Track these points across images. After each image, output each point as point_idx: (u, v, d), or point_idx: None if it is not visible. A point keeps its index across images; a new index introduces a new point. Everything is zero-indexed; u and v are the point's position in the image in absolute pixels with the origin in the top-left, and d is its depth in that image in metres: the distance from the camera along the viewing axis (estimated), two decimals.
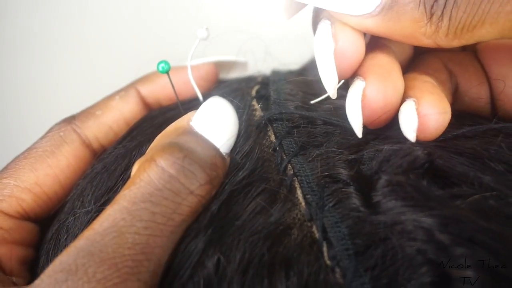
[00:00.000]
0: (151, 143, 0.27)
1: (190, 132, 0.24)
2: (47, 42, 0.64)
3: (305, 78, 0.30)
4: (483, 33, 0.22)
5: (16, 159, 0.28)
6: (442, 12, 0.21)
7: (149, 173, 0.21)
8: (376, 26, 0.22)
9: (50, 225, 0.27)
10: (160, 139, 0.24)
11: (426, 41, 0.22)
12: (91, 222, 0.24)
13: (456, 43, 0.22)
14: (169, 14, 0.62)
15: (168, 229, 0.21)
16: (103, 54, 0.62)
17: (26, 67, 0.65)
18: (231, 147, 0.25)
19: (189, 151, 0.22)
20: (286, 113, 0.26)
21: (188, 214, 0.21)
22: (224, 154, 0.24)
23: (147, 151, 0.24)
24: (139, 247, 0.20)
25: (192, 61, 0.32)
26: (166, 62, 0.27)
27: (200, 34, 0.28)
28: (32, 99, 0.66)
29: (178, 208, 0.21)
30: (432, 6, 0.21)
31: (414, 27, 0.22)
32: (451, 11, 0.21)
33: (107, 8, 0.63)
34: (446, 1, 0.21)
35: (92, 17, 0.63)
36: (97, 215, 0.24)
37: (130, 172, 0.26)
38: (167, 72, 0.27)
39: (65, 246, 0.25)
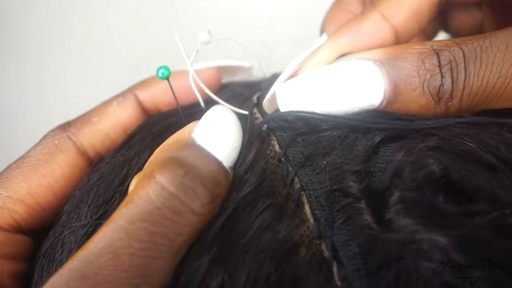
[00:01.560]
0: (150, 152, 0.26)
1: (191, 145, 0.23)
2: (44, 44, 0.64)
3: None
4: (498, 105, 0.23)
5: (8, 168, 0.27)
6: (451, 94, 0.22)
7: (147, 190, 0.20)
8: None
9: (44, 237, 0.27)
10: (160, 152, 0.23)
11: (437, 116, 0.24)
12: (87, 237, 0.24)
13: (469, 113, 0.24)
14: (170, 17, 0.61)
15: (167, 250, 0.20)
16: (102, 57, 0.61)
17: (22, 70, 0.65)
18: (234, 160, 0.24)
19: (190, 167, 0.21)
20: (288, 120, 0.25)
21: (189, 234, 0.20)
22: (227, 168, 0.23)
23: (146, 165, 0.23)
24: (137, 270, 0.19)
25: (194, 65, 0.31)
26: (166, 68, 0.26)
27: (202, 37, 0.27)
28: (28, 102, 0.65)
29: (179, 228, 0.20)
30: (438, 92, 0.22)
31: (422, 110, 0.23)
32: (462, 95, 0.22)
33: (107, 10, 0.62)
34: (453, 86, 0.22)
35: (91, 19, 0.63)
36: (94, 229, 0.24)
37: (129, 183, 0.25)
38: (167, 78, 0.26)
39: (60, 261, 0.24)
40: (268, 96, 0.26)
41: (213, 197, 0.21)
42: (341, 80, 0.24)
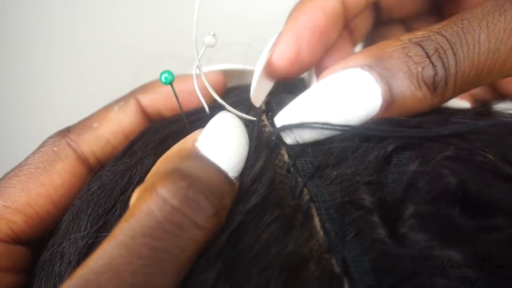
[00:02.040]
0: (153, 159, 0.25)
1: (195, 155, 0.22)
2: (45, 46, 0.63)
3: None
4: (490, 80, 0.23)
5: (6, 176, 0.26)
6: (446, 82, 0.23)
7: (149, 204, 0.19)
8: (384, 115, 0.23)
9: (43, 248, 0.26)
10: (162, 163, 0.22)
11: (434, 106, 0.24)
12: (87, 248, 0.23)
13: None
14: (174, 19, 0.60)
15: (171, 266, 0.19)
16: (104, 60, 0.61)
17: (23, 72, 0.64)
18: (240, 170, 0.23)
19: (194, 178, 0.20)
20: (296, 127, 0.24)
21: (193, 249, 0.19)
22: (233, 179, 0.22)
23: (147, 177, 0.22)
24: None
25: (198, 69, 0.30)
26: (169, 72, 0.25)
27: (208, 41, 0.26)
28: (28, 106, 0.65)
29: (182, 243, 0.19)
30: (433, 81, 0.23)
31: (420, 104, 0.23)
32: (456, 79, 0.23)
33: (109, 13, 0.62)
34: (446, 73, 0.22)
35: (93, 22, 0.62)
36: (94, 241, 0.23)
37: (130, 193, 0.24)
38: (171, 83, 0.25)
39: (59, 274, 0.24)
40: (253, 88, 0.26)
41: (217, 209, 0.20)
42: (335, 95, 0.23)
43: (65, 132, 0.28)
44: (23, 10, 0.62)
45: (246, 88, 0.30)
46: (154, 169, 0.22)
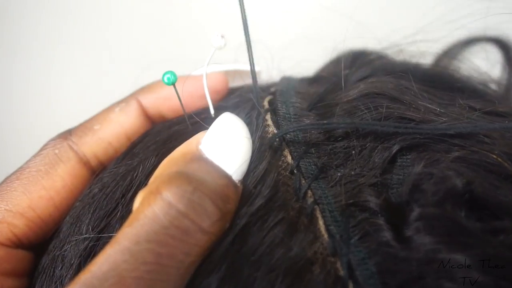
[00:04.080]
0: (154, 161, 0.25)
1: (199, 158, 0.22)
2: (48, 48, 0.63)
3: (313, 88, 0.29)
4: None
5: (8, 180, 0.26)
6: None
7: (154, 208, 0.19)
8: None
9: (45, 251, 0.26)
10: (166, 166, 0.22)
11: None
12: (88, 251, 0.23)
13: None
14: (175, 20, 0.60)
15: (175, 272, 0.19)
16: (106, 62, 0.61)
17: (25, 73, 0.64)
18: (244, 173, 0.23)
19: (199, 182, 0.20)
20: (302, 129, 0.24)
21: (197, 254, 0.19)
22: (237, 182, 0.22)
23: (151, 180, 0.22)
24: None
25: (198, 70, 0.30)
26: (172, 73, 0.25)
27: (216, 42, 0.26)
28: (30, 107, 0.65)
29: (187, 248, 0.19)
30: None
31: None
32: None
33: (112, 14, 0.62)
34: None
35: (95, 23, 0.62)
36: (95, 244, 0.23)
37: (132, 194, 0.24)
38: (173, 84, 0.25)
39: (60, 277, 0.24)
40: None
41: (223, 214, 0.20)
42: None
43: (67, 135, 0.28)
44: (24, 11, 0.63)
45: (248, 88, 0.30)
46: (158, 172, 0.22)
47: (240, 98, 0.29)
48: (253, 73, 0.26)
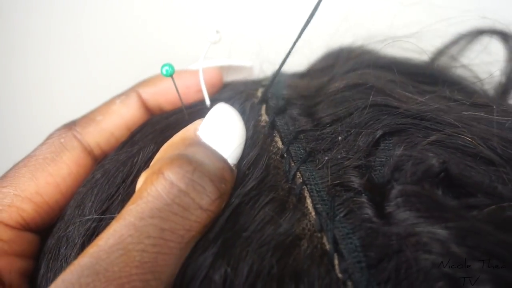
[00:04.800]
0: (153, 148, 0.27)
1: (197, 143, 0.24)
2: (48, 43, 0.64)
3: (303, 81, 0.30)
4: None
5: (16, 166, 0.28)
6: None
7: (157, 187, 0.21)
8: None
9: (49, 234, 0.27)
10: (167, 150, 0.24)
11: None
12: (91, 231, 0.25)
13: None
14: (172, 16, 0.62)
15: (177, 246, 0.20)
16: (106, 56, 0.62)
17: (27, 68, 0.65)
18: (238, 157, 0.24)
19: (199, 163, 0.22)
20: (291, 118, 0.26)
21: (197, 230, 0.21)
22: (232, 165, 0.24)
23: (153, 162, 0.24)
24: (147, 266, 0.19)
25: (194, 64, 0.32)
26: (170, 65, 0.27)
27: (211, 37, 0.27)
28: (33, 101, 0.66)
29: (187, 224, 0.21)
30: None
31: None
32: None
33: (111, 9, 0.63)
34: None
35: (94, 18, 0.64)
36: (97, 224, 0.25)
37: (132, 179, 0.26)
38: (171, 76, 0.27)
39: (65, 256, 0.25)
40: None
41: (220, 193, 0.22)
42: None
43: (71, 125, 0.29)
44: (24, 10, 0.64)
45: (241, 82, 0.32)
46: (159, 155, 0.24)
47: (233, 91, 0.30)
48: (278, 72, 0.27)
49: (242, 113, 0.27)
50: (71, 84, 0.65)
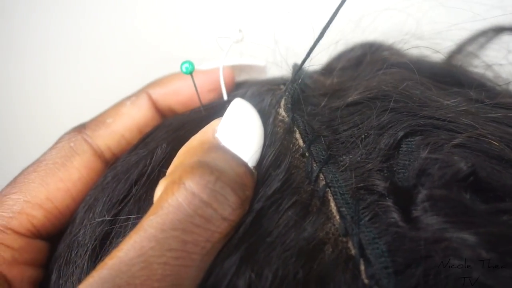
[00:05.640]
0: (165, 147, 0.26)
1: (217, 147, 0.23)
2: (55, 45, 0.64)
3: (325, 79, 0.30)
4: None
5: (25, 172, 0.27)
6: None
7: (178, 197, 0.20)
8: None
9: (60, 240, 0.27)
10: (185, 156, 0.23)
11: None
12: (103, 235, 0.24)
13: None
14: (176, 17, 0.61)
15: (199, 258, 0.20)
16: (108, 57, 0.61)
17: (33, 71, 0.65)
18: (258, 160, 0.24)
19: (220, 172, 0.21)
20: (312, 115, 0.26)
21: (219, 240, 0.21)
22: (252, 168, 0.23)
23: (171, 169, 0.23)
24: (170, 279, 0.19)
25: (208, 63, 0.31)
26: (190, 63, 0.26)
27: (234, 36, 0.27)
28: (41, 103, 0.66)
29: (210, 235, 0.20)
30: None
31: None
32: None
33: (118, 11, 0.63)
34: None
35: (101, 20, 0.63)
36: (109, 228, 0.24)
37: (144, 180, 0.25)
38: (191, 73, 0.26)
39: (76, 261, 0.25)
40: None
41: (242, 201, 0.21)
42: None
43: (81, 128, 0.29)
44: (28, 11, 0.63)
45: (254, 82, 0.31)
46: (177, 161, 0.23)
47: (252, 88, 0.30)
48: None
49: (261, 109, 0.26)
50: (71, 84, 0.64)
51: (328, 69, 0.32)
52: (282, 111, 0.26)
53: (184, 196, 0.20)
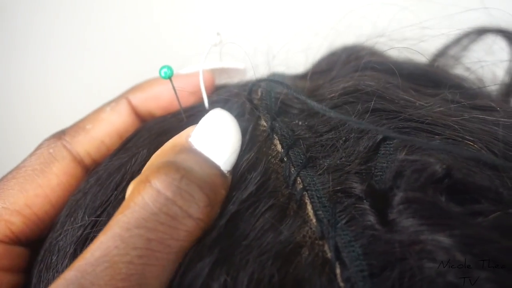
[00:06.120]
0: (146, 153, 0.26)
1: (188, 149, 0.23)
2: (44, 46, 0.64)
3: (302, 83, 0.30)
4: None
5: (4, 178, 0.27)
6: None
7: (143, 196, 0.20)
8: None
9: (41, 246, 0.27)
10: (156, 157, 0.23)
11: None
12: (83, 238, 0.24)
13: None
14: (167, 20, 0.62)
15: (164, 256, 0.20)
16: (104, 58, 0.62)
17: (33, 71, 0.65)
18: (233, 164, 0.24)
19: (187, 170, 0.21)
20: (290, 121, 0.26)
21: (186, 239, 0.21)
22: (226, 172, 0.23)
23: (143, 170, 0.23)
24: (134, 278, 0.19)
25: (188, 67, 0.32)
26: (169, 67, 0.26)
27: (212, 39, 0.27)
28: (41, 104, 0.66)
29: (176, 234, 0.20)
30: None
31: None
32: None
33: (107, 12, 0.63)
34: None
35: (91, 21, 0.63)
36: (90, 232, 0.24)
37: (125, 186, 0.25)
38: (169, 78, 0.26)
39: (56, 266, 0.25)
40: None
41: (211, 200, 0.21)
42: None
43: (60, 135, 0.29)
44: (25, 11, 0.63)
45: (235, 86, 0.31)
46: (148, 163, 0.24)
47: (229, 93, 0.30)
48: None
49: (241, 115, 0.26)
50: (71, 85, 0.64)
51: (308, 73, 0.32)
52: (262, 118, 0.26)
53: (150, 195, 0.20)
